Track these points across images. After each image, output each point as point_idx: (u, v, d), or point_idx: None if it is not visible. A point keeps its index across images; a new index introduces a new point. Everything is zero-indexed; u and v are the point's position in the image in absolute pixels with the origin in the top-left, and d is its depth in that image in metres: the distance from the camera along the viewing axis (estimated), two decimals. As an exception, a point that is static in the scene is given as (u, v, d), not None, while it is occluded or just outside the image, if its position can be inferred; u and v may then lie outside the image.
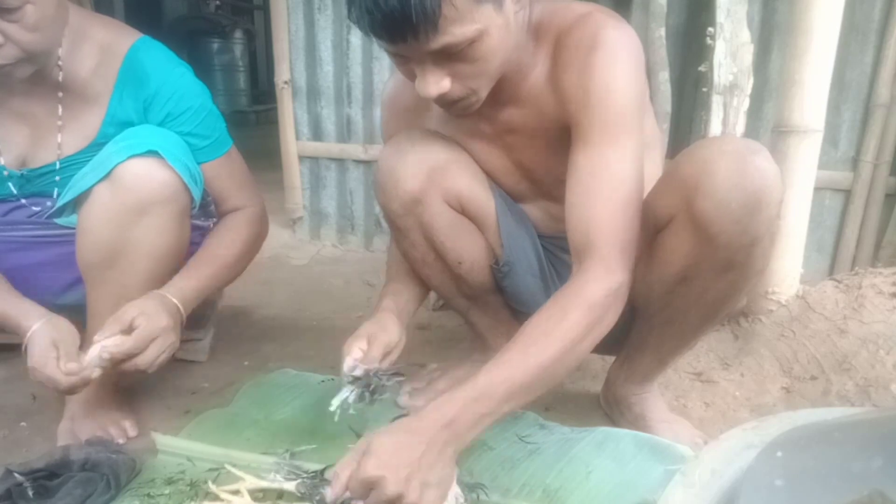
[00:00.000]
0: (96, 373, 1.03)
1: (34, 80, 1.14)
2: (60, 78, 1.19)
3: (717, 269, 0.98)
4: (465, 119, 1.15)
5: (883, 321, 1.41)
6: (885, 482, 0.63)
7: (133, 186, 1.09)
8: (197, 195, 1.19)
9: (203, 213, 1.31)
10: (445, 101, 0.99)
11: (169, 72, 1.23)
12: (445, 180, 1.16)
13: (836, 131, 1.90)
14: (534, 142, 1.13)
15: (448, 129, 1.19)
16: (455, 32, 0.88)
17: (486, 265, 1.26)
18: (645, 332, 1.17)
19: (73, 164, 1.22)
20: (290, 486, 0.99)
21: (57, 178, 1.24)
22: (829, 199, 1.97)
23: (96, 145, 1.19)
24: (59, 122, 1.22)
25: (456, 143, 1.19)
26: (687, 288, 1.03)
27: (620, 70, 0.97)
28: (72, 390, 1.04)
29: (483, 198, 1.20)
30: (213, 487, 1.01)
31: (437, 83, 0.94)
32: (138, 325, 1.04)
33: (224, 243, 1.29)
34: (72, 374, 1.00)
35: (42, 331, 1.05)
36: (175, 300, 1.14)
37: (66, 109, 1.21)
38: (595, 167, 0.98)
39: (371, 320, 1.16)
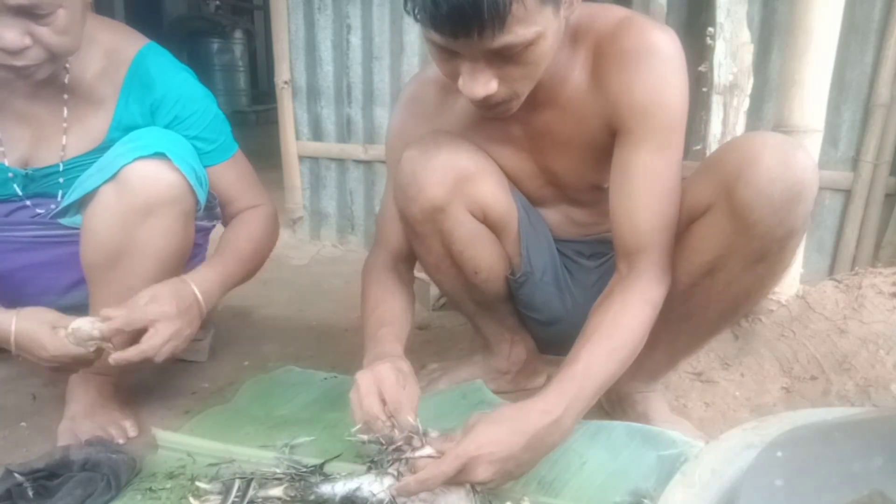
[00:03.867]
0: (90, 346, 1.03)
1: (41, 81, 1.14)
2: (67, 80, 1.19)
3: (748, 260, 0.99)
4: (495, 121, 1.13)
5: (883, 321, 1.41)
6: (885, 482, 0.63)
7: (139, 188, 1.09)
8: (202, 197, 1.20)
9: (207, 215, 1.31)
10: (487, 104, 0.97)
11: (174, 76, 1.23)
12: (471, 189, 1.13)
13: (836, 131, 1.90)
14: (567, 147, 1.12)
15: (471, 133, 1.15)
16: (518, 32, 0.86)
17: (502, 275, 1.25)
18: (659, 328, 1.16)
19: (77, 166, 1.23)
20: (278, 491, 0.98)
21: (60, 179, 1.24)
22: (829, 199, 1.97)
23: (102, 149, 1.20)
24: (64, 125, 1.22)
25: (480, 147, 1.16)
26: (712, 281, 1.04)
27: (673, 78, 0.98)
28: (63, 361, 1.03)
29: (506, 207, 1.18)
30: None
31: (486, 84, 0.92)
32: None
33: (243, 236, 1.29)
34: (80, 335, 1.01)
35: (27, 329, 1.04)
36: (195, 287, 1.13)
37: (71, 112, 1.22)
38: (648, 172, 1.01)
39: (388, 361, 1.00)
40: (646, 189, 1.01)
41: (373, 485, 0.93)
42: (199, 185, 1.17)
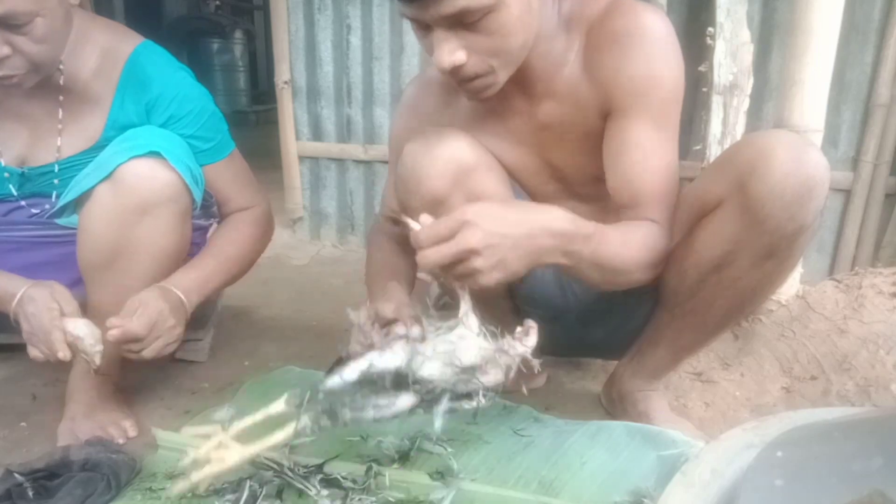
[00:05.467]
0: (98, 357, 1.04)
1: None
2: (62, 81, 1.19)
3: (757, 256, 0.99)
4: (497, 118, 1.14)
5: (883, 321, 1.41)
6: (885, 482, 0.63)
7: (135, 187, 1.09)
8: (198, 196, 1.20)
9: (204, 214, 1.31)
10: (461, 77, 0.98)
11: (170, 75, 1.23)
12: (471, 183, 1.12)
13: (836, 131, 1.90)
14: (568, 138, 1.12)
15: (474, 132, 1.15)
16: None
17: None
18: (664, 324, 1.16)
19: (72, 165, 1.22)
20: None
21: (56, 180, 1.24)
22: (829, 199, 1.95)
23: (97, 148, 1.20)
24: (59, 125, 1.22)
25: (482, 143, 1.16)
26: (720, 276, 1.04)
27: (664, 55, 0.99)
28: (67, 353, 1.02)
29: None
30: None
31: (452, 53, 0.93)
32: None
33: (226, 239, 1.30)
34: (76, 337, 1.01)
35: (35, 290, 1.05)
36: (176, 290, 1.14)
37: (66, 112, 1.22)
38: (643, 145, 1.01)
39: (380, 299, 1.02)
40: (642, 162, 1.02)
41: (383, 357, 0.86)
42: (194, 184, 1.17)
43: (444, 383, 0.84)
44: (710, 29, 1.67)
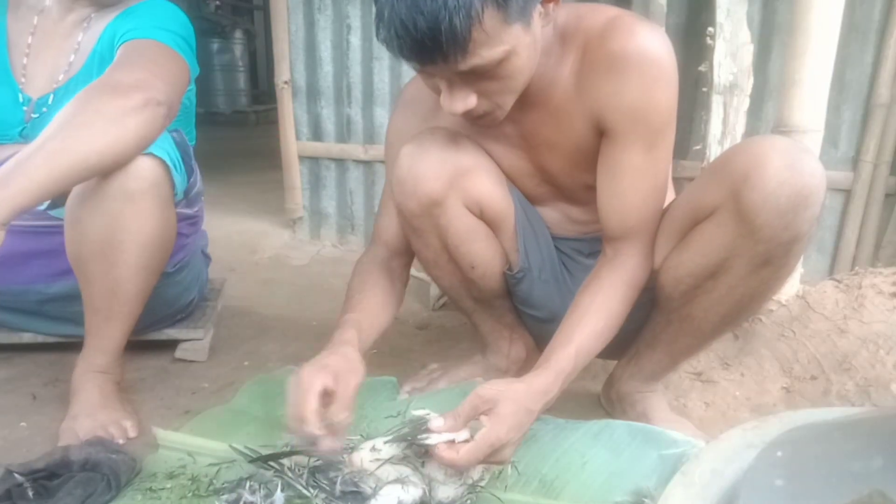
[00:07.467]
0: None
1: None
2: None
3: (753, 264, 0.99)
4: None
5: (883, 321, 1.41)
6: (885, 482, 0.63)
7: (117, 175, 1.09)
8: (178, 183, 1.20)
9: (187, 202, 1.31)
10: (470, 116, 0.99)
11: None
12: (467, 184, 1.13)
13: (836, 131, 1.90)
14: (558, 146, 1.12)
15: (469, 131, 1.16)
16: (483, 55, 0.88)
17: (499, 271, 1.25)
18: (660, 329, 1.17)
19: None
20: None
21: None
22: (829, 199, 1.97)
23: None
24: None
25: (477, 144, 1.17)
26: (716, 283, 1.04)
27: (662, 81, 0.99)
28: None
29: (503, 203, 1.19)
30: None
31: (464, 100, 0.95)
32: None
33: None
34: None
35: None
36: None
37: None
38: (636, 171, 1.04)
39: (331, 351, 1.01)
40: (634, 187, 1.05)
41: (408, 491, 0.93)
42: (174, 171, 1.17)
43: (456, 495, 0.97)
44: (710, 29, 1.67)
